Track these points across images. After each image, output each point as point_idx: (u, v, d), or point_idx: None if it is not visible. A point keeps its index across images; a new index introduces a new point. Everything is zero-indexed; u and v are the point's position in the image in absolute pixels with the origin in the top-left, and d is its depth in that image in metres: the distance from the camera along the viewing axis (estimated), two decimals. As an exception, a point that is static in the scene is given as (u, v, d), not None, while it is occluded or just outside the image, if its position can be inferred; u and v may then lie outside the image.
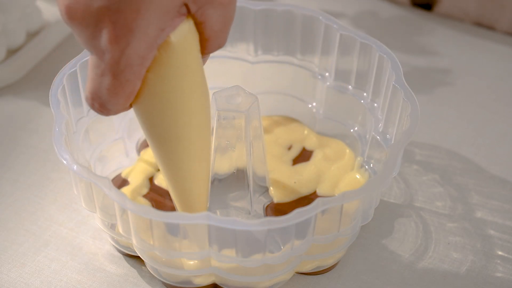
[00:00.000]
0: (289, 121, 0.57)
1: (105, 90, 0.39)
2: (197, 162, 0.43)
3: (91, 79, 0.40)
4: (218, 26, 0.41)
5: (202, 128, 0.43)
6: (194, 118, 0.42)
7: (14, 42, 0.64)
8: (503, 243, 0.51)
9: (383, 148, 0.50)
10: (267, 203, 0.52)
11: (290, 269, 0.46)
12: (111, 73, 0.38)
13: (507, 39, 0.69)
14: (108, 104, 0.40)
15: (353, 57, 0.52)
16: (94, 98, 0.40)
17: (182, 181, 0.44)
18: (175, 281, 0.47)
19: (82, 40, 0.39)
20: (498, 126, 0.60)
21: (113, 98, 0.39)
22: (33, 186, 0.55)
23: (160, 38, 0.39)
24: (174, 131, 0.41)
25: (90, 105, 0.40)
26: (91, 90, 0.40)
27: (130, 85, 0.39)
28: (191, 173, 0.44)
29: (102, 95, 0.39)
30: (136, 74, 0.39)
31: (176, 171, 0.43)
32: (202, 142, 0.43)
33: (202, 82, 0.42)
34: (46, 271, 0.49)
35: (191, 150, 0.43)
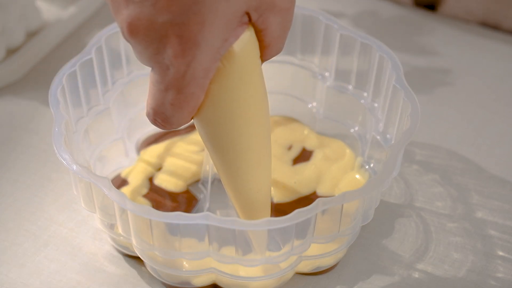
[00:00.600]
0: (289, 121, 0.57)
1: (169, 105, 0.39)
2: (259, 171, 0.43)
3: (153, 94, 0.39)
4: (278, 32, 0.40)
5: (264, 137, 0.43)
6: (256, 127, 0.42)
7: (14, 42, 0.64)
8: (503, 243, 0.51)
9: (383, 148, 0.50)
10: (267, 203, 0.52)
11: (290, 269, 0.46)
12: (176, 88, 0.38)
13: (508, 39, 0.69)
14: (172, 118, 0.39)
15: (353, 57, 0.52)
16: (157, 113, 0.40)
17: (245, 191, 0.44)
18: (175, 282, 0.47)
19: (144, 56, 0.38)
20: (498, 126, 0.60)
21: (177, 112, 0.39)
22: (33, 186, 0.55)
23: (223, 49, 0.38)
24: (237, 141, 0.41)
25: (152, 121, 0.40)
26: (154, 106, 0.39)
27: (195, 98, 0.39)
28: (254, 183, 0.43)
29: (166, 110, 0.39)
30: (201, 87, 0.39)
31: (239, 181, 0.43)
32: (264, 151, 0.43)
33: (263, 91, 0.42)
34: (46, 271, 0.49)
35: (253, 159, 0.42)
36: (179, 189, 0.52)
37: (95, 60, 0.50)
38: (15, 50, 0.64)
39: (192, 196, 0.52)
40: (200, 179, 0.53)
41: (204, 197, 0.52)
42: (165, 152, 0.54)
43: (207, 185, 0.51)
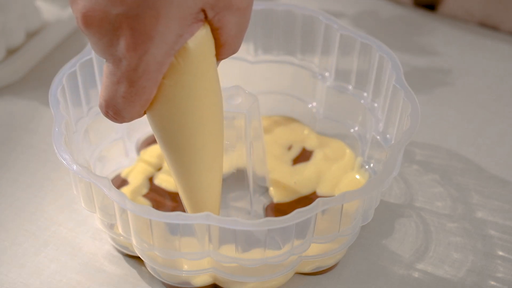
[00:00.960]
0: (289, 121, 0.57)
1: (121, 98, 0.39)
2: (209, 170, 0.43)
3: (106, 86, 0.39)
4: (234, 32, 0.40)
5: (216, 135, 0.42)
6: (208, 125, 0.42)
7: (14, 42, 0.64)
8: (503, 243, 0.51)
9: (383, 148, 0.50)
10: (267, 203, 0.52)
11: (290, 269, 0.46)
12: (128, 81, 0.38)
13: (508, 39, 0.69)
14: (123, 111, 0.39)
15: (353, 57, 0.52)
16: (108, 105, 0.40)
17: (194, 189, 0.44)
18: (175, 282, 0.47)
19: (98, 48, 0.38)
20: (498, 126, 0.60)
21: (128, 105, 0.39)
22: (33, 186, 0.55)
23: (177, 44, 0.38)
24: (188, 138, 0.41)
25: (104, 113, 0.40)
26: (106, 98, 0.39)
27: (147, 92, 0.39)
28: (203, 181, 0.43)
29: (117, 103, 0.39)
30: (153, 81, 0.38)
31: (188, 178, 0.43)
32: (216, 149, 0.43)
33: (217, 89, 0.42)
34: (46, 271, 0.49)
35: (204, 157, 0.42)
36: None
37: (95, 60, 0.50)
38: (15, 50, 0.64)
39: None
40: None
41: (204, 197, 0.52)
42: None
43: (207, 185, 0.51)
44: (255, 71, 0.56)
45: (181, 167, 0.43)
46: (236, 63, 0.56)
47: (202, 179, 0.43)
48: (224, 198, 0.51)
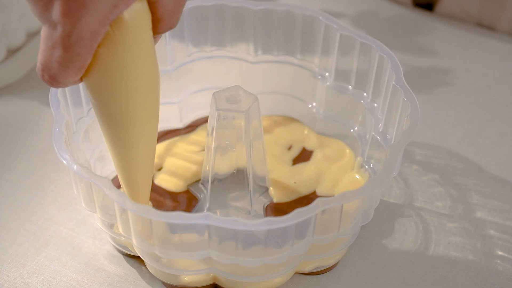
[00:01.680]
0: (289, 121, 0.57)
1: (56, 63, 0.39)
2: (142, 144, 0.44)
3: (42, 50, 0.40)
4: (171, 6, 0.41)
5: (150, 109, 0.43)
6: (142, 97, 0.42)
7: (14, 42, 0.64)
8: (503, 243, 0.51)
9: (383, 148, 0.50)
10: (267, 203, 0.52)
11: (290, 269, 0.46)
12: (62, 46, 0.39)
13: (507, 39, 0.69)
14: (58, 76, 0.40)
15: (353, 57, 0.52)
16: (44, 69, 0.40)
17: (126, 161, 0.44)
18: (175, 281, 0.47)
19: (36, 11, 0.39)
20: (498, 126, 0.60)
21: (63, 71, 0.40)
22: (33, 186, 0.55)
23: (112, 14, 0.39)
24: (121, 108, 0.42)
25: (40, 76, 0.41)
26: (42, 61, 0.40)
27: (81, 59, 0.39)
28: (135, 155, 0.44)
29: (52, 67, 0.40)
30: (87, 49, 0.39)
31: (121, 150, 0.44)
32: (149, 123, 0.43)
33: (152, 62, 0.42)
34: (46, 271, 0.49)
35: (136, 129, 0.43)
36: (180, 189, 0.52)
37: (95, 60, 0.50)
38: (15, 50, 0.64)
39: (192, 196, 0.52)
40: (200, 179, 0.53)
41: (204, 197, 0.52)
42: (165, 152, 0.55)
43: (207, 185, 0.51)
44: (255, 71, 0.56)
45: (113, 138, 0.43)
46: (236, 63, 0.56)
47: (133, 153, 0.44)
48: (224, 198, 0.51)
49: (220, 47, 0.56)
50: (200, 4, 0.53)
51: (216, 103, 0.48)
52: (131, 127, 0.42)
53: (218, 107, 0.48)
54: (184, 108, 0.57)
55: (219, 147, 0.49)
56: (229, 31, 0.55)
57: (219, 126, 0.48)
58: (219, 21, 0.54)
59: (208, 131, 0.50)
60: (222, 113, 0.48)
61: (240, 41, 0.55)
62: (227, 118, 0.48)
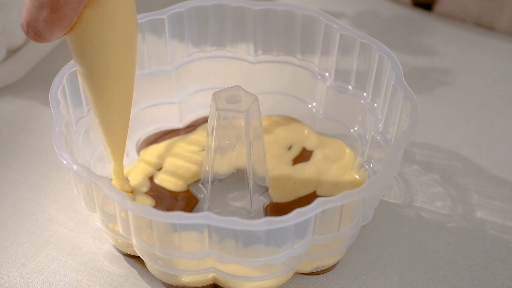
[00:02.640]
0: (289, 121, 0.57)
1: (42, 22, 0.41)
2: (117, 103, 0.46)
3: (29, 9, 0.41)
4: None
5: (127, 66, 0.45)
6: (122, 54, 0.44)
7: (14, 42, 0.64)
8: (503, 243, 0.51)
9: (383, 148, 0.50)
10: (267, 203, 0.52)
11: (290, 269, 0.46)
12: (50, 7, 0.40)
13: (507, 38, 0.69)
14: (44, 34, 0.42)
15: (353, 57, 0.52)
16: (29, 26, 0.42)
17: (102, 117, 0.47)
18: (175, 281, 0.47)
19: None
20: (498, 126, 0.60)
21: (49, 29, 0.41)
22: (33, 186, 0.55)
23: None
24: (102, 65, 0.44)
25: (24, 32, 0.42)
26: (28, 19, 0.41)
27: (67, 19, 0.41)
28: (110, 112, 0.46)
29: (38, 26, 0.41)
30: (74, 10, 0.41)
31: (98, 106, 0.46)
32: (126, 83, 0.46)
33: (134, 21, 0.45)
34: (46, 271, 0.49)
35: (114, 87, 0.45)
36: (180, 188, 0.52)
37: (95, 60, 0.50)
38: (15, 50, 0.64)
39: (193, 196, 0.52)
40: (200, 179, 0.53)
41: (204, 197, 0.52)
42: (165, 152, 0.55)
43: (207, 185, 0.51)
44: (255, 71, 0.56)
45: (92, 94, 0.45)
46: (236, 63, 0.56)
47: (109, 110, 0.46)
48: (224, 198, 0.51)
49: (220, 47, 0.56)
50: (200, 4, 0.53)
51: (216, 103, 0.48)
52: (109, 83, 0.45)
53: (218, 107, 0.48)
54: (184, 108, 0.57)
55: (219, 147, 0.49)
56: (229, 31, 0.55)
57: (219, 126, 0.48)
58: (219, 21, 0.54)
59: (208, 131, 0.50)
60: (222, 113, 0.48)
61: (240, 41, 0.55)
62: (227, 118, 0.48)
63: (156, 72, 0.55)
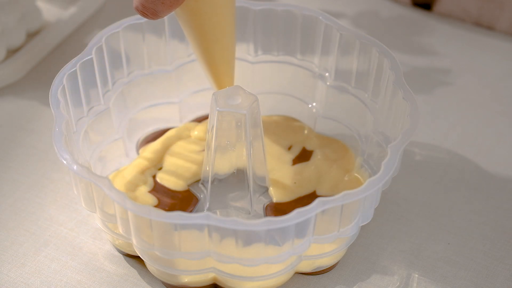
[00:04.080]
0: (289, 121, 0.57)
1: (160, 4, 0.45)
2: (230, 46, 0.50)
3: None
4: None
5: (233, 19, 0.49)
6: (230, 12, 0.49)
7: (14, 42, 0.64)
8: (503, 243, 0.51)
9: (383, 148, 0.50)
10: (267, 203, 0.52)
11: (290, 269, 0.46)
12: None
13: (507, 38, 0.69)
14: (161, 13, 0.45)
15: (353, 57, 0.52)
16: (147, 8, 0.45)
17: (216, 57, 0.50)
18: (175, 281, 0.47)
19: None
20: (498, 126, 0.60)
21: (167, 8, 0.45)
22: (33, 186, 0.55)
23: None
24: (217, 24, 0.48)
25: (140, 13, 0.45)
26: (144, 3, 0.45)
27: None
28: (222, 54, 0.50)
29: (156, 7, 0.45)
30: None
31: (212, 54, 0.50)
32: (232, 30, 0.50)
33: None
34: (46, 271, 0.49)
35: (225, 35, 0.49)
36: (180, 188, 0.52)
37: (96, 60, 0.50)
38: (15, 50, 0.64)
39: (193, 196, 0.52)
40: (200, 179, 0.53)
41: (204, 197, 0.52)
42: (162, 148, 0.54)
43: (207, 185, 0.51)
44: (255, 71, 0.56)
45: (207, 47, 0.49)
46: (236, 63, 0.56)
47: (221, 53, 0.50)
48: (224, 198, 0.51)
49: (220, 47, 0.56)
50: (200, 4, 0.53)
51: (216, 103, 0.48)
52: (222, 36, 0.49)
53: (218, 107, 0.48)
54: (184, 108, 0.57)
55: (219, 147, 0.49)
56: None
57: (219, 126, 0.48)
58: (219, 21, 0.54)
59: (208, 131, 0.50)
60: (222, 113, 0.48)
61: (240, 41, 0.55)
62: (227, 118, 0.48)
63: (156, 72, 0.55)
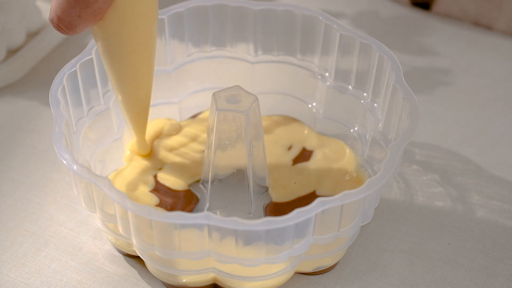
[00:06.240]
0: (289, 121, 0.57)
1: (76, 17, 0.42)
2: (143, 79, 0.48)
3: (61, 4, 0.42)
4: None
5: (152, 52, 0.48)
6: (149, 37, 0.47)
7: (14, 42, 0.64)
8: (503, 243, 0.51)
9: (383, 148, 0.50)
10: (267, 203, 0.52)
11: (290, 269, 0.46)
12: (85, 3, 0.42)
13: (507, 38, 0.69)
14: (77, 27, 0.43)
15: (353, 57, 0.52)
16: (61, 21, 0.43)
17: (128, 96, 0.48)
18: (175, 281, 0.47)
19: None
20: (498, 126, 0.60)
21: (83, 23, 0.43)
22: (33, 186, 0.55)
23: None
24: (132, 51, 0.46)
25: (54, 26, 0.43)
26: (60, 14, 0.42)
27: (102, 12, 0.43)
28: (135, 88, 0.48)
29: (72, 20, 0.42)
30: (108, 3, 0.42)
31: (123, 84, 0.48)
32: (150, 65, 0.48)
33: (156, 12, 0.47)
34: (46, 271, 0.49)
35: (138, 66, 0.47)
36: (180, 188, 0.52)
37: (96, 60, 0.50)
38: (15, 50, 0.64)
39: (193, 196, 0.52)
40: (200, 179, 0.53)
41: (204, 197, 0.52)
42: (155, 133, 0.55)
43: (207, 185, 0.51)
44: (255, 71, 0.56)
45: (120, 74, 0.47)
46: (236, 63, 0.56)
47: (135, 85, 0.48)
48: (224, 198, 0.51)
49: (220, 47, 0.56)
50: (200, 4, 0.53)
51: (216, 103, 0.48)
52: (136, 65, 0.47)
53: (218, 107, 0.48)
54: (184, 108, 0.57)
55: (219, 146, 0.49)
56: (229, 31, 0.55)
57: (219, 126, 0.48)
58: (219, 21, 0.54)
59: (208, 131, 0.50)
60: (222, 113, 0.48)
61: (240, 41, 0.55)
62: (227, 118, 0.48)
63: (156, 72, 0.55)
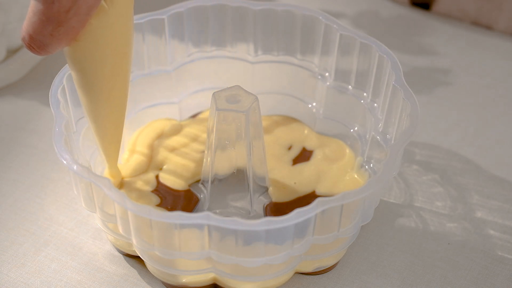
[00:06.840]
0: (289, 121, 0.57)
1: (48, 35, 0.41)
2: (113, 106, 0.47)
3: (33, 23, 0.41)
4: None
5: (124, 73, 0.46)
6: (124, 59, 0.45)
7: (14, 42, 0.64)
8: (503, 243, 0.51)
9: (383, 148, 0.50)
10: (267, 203, 0.52)
11: (290, 269, 0.46)
12: (57, 21, 0.40)
13: (507, 38, 0.69)
14: (49, 47, 0.42)
15: (353, 57, 0.52)
16: (33, 40, 0.42)
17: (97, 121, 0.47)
18: (175, 281, 0.47)
19: None
20: (498, 126, 0.60)
21: (55, 42, 0.42)
22: (33, 186, 0.55)
23: None
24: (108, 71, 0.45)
25: (26, 46, 0.42)
26: (32, 33, 0.41)
27: (74, 32, 0.42)
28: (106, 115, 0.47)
29: (44, 39, 0.41)
30: (81, 22, 0.41)
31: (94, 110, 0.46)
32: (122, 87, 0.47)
33: (131, 27, 0.46)
34: (46, 271, 0.49)
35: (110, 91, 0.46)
36: (181, 188, 0.52)
37: (95, 60, 0.50)
38: (15, 50, 0.64)
39: (193, 196, 0.52)
40: (200, 179, 0.53)
41: (204, 197, 0.52)
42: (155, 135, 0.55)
43: (207, 185, 0.51)
44: (255, 71, 0.56)
45: (92, 99, 0.46)
46: (236, 63, 0.56)
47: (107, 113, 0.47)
48: (224, 198, 0.51)
49: (220, 47, 0.56)
50: (200, 4, 0.53)
51: (216, 103, 0.48)
52: (107, 86, 0.45)
53: (218, 107, 0.48)
54: (184, 108, 0.57)
55: (219, 146, 0.49)
56: (229, 31, 0.55)
57: (219, 126, 0.48)
58: (219, 21, 0.54)
59: (208, 131, 0.50)
60: (222, 113, 0.48)
61: (240, 41, 0.55)
62: (227, 118, 0.48)
63: (156, 72, 0.55)
